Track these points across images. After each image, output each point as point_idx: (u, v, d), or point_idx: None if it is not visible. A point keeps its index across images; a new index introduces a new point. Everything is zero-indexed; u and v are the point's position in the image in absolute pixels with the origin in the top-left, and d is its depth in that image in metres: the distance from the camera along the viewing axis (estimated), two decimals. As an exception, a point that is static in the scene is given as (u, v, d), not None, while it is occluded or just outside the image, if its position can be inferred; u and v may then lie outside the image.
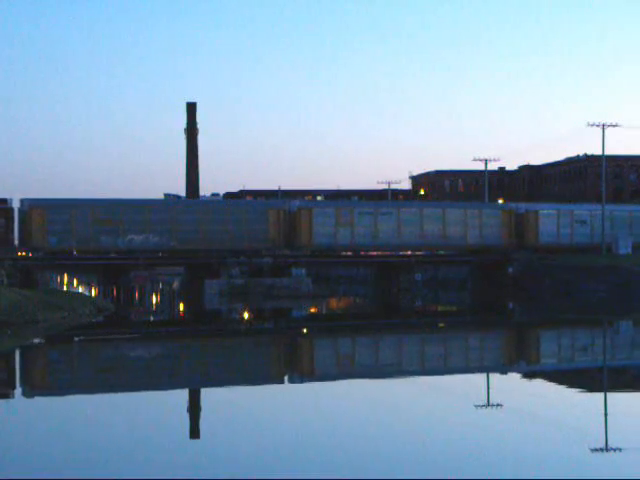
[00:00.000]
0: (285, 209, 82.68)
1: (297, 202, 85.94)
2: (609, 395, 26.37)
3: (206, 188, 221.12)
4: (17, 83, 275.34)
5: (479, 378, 31.03)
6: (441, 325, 55.28)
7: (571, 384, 29.48)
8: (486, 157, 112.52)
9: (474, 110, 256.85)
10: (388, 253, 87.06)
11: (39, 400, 26.79)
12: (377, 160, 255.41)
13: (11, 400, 26.39)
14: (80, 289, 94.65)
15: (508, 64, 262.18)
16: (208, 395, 27.90)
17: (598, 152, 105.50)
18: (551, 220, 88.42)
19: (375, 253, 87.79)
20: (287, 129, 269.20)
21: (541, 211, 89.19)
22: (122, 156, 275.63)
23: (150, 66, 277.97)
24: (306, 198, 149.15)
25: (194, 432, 21.88)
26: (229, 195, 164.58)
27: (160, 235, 79.05)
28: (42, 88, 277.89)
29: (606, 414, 22.92)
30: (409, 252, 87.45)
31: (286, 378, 31.71)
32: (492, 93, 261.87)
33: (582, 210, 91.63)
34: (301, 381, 30.93)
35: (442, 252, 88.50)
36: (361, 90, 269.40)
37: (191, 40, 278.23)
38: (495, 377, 31.60)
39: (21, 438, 20.46)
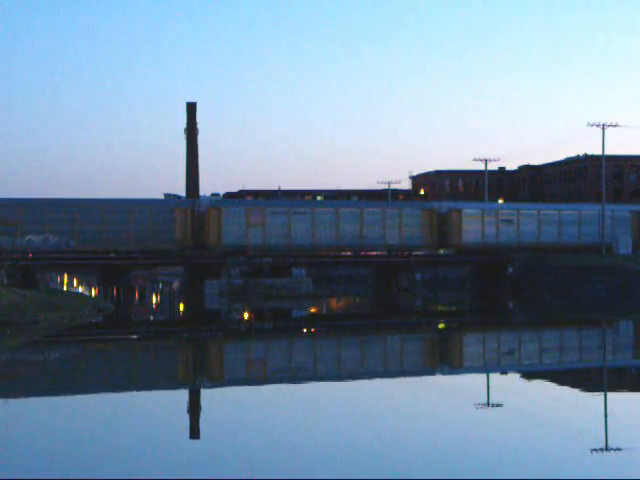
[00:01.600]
0: (193, 209, 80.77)
1: (206, 201, 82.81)
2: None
3: (206, 188, 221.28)
4: (17, 83, 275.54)
5: (480, 378, 31.09)
6: (441, 326, 55.29)
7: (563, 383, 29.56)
8: (486, 157, 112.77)
9: (474, 110, 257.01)
10: (374, 253, 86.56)
11: (39, 400, 26.80)
12: (377, 160, 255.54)
13: (8, 400, 26.42)
14: (80, 289, 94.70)
15: (508, 64, 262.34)
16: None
17: (598, 152, 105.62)
18: (475, 220, 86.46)
19: (375, 253, 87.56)
20: (287, 129, 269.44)
21: (464, 210, 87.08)
22: (122, 156, 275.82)
23: (150, 66, 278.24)
24: (306, 198, 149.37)
25: (194, 432, 21.89)
26: (229, 195, 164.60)
27: (60, 235, 76.81)
28: (42, 88, 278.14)
29: (603, 415, 22.94)
30: (350, 253, 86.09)
31: (198, 382, 31.75)
32: (492, 93, 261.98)
33: (508, 209, 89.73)
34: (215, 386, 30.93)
35: (361, 253, 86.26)
36: (361, 90, 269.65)
37: (191, 40, 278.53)
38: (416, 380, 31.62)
39: (21, 438, 20.47)
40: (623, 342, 44.15)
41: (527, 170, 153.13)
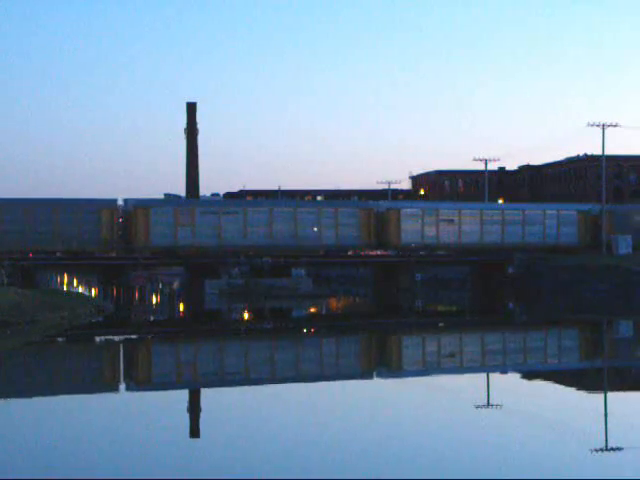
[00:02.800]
0: (119, 209, 79.27)
1: (133, 201, 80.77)
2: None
3: (206, 188, 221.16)
4: (17, 83, 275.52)
5: (480, 378, 31.11)
6: (441, 325, 55.30)
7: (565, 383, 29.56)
8: (486, 157, 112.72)
9: (474, 110, 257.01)
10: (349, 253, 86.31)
11: (39, 400, 26.80)
12: (377, 160, 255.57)
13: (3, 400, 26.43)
14: (80, 289, 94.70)
15: (508, 64, 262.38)
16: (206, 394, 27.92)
17: (598, 152, 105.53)
18: (415, 219, 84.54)
19: (375, 253, 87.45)
20: (287, 129, 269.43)
21: (403, 210, 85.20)
22: (122, 156, 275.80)
23: (150, 66, 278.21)
24: (306, 198, 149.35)
25: (194, 432, 21.90)
26: (229, 195, 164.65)
27: None
28: (42, 88, 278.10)
29: (605, 415, 22.93)
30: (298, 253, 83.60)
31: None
32: (492, 93, 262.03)
33: (449, 209, 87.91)
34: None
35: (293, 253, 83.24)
36: (361, 90, 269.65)
37: (191, 40, 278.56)
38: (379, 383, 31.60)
39: (21, 439, 20.48)
40: (582, 344, 44.01)
41: (527, 170, 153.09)
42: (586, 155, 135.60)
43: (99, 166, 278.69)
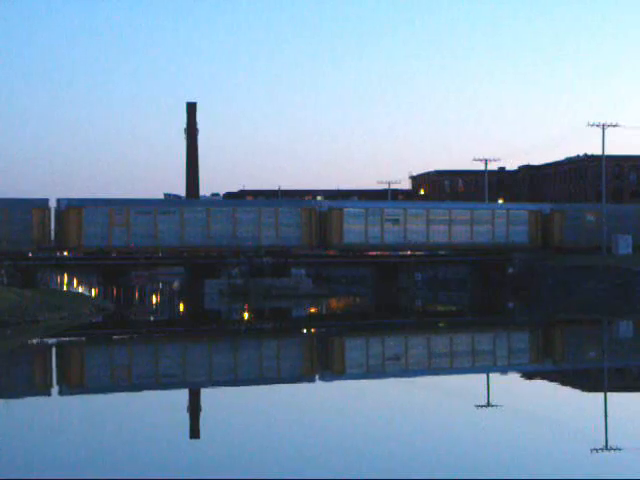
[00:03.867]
0: (50, 209, 77.35)
1: (66, 201, 78.54)
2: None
3: (206, 188, 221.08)
4: (16, 83, 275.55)
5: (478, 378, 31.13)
6: (442, 325, 55.31)
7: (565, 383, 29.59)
8: (486, 157, 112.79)
9: (474, 110, 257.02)
10: (381, 253, 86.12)
11: (39, 399, 26.82)
12: (377, 160, 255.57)
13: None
14: (80, 289, 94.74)
15: (508, 64, 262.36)
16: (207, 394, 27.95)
17: (598, 152, 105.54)
18: (358, 219, 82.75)
19: (375, 253, 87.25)
20: (287, 129, 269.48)
21: (346, 209, 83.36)
22: (122, 156, 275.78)
23: (150, 66, 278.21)
24: (306, 198, 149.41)
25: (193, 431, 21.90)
26: (229, 195, 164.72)
27: None
28: (42, 88, 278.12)
29: (607, 415, 22.95)
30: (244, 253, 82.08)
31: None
32: (492, 93, 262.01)
33: (393, 208, 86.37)
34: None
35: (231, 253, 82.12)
36: (361, 90, 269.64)
37: (191, 40, 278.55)
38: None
39: (22, 439, 20.49)
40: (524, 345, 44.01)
41: (527, 170, 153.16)
42: (586, 155, 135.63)
43: (99, 166, 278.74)
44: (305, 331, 50.43)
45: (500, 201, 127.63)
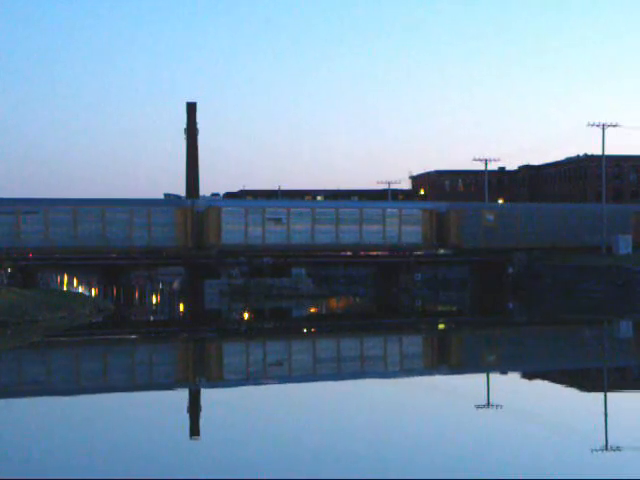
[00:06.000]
0: None
1: None
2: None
3: (206, 188, 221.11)
4: (16, 83, 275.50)
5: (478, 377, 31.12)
6: (441, 325, 55.34)
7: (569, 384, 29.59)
8: (486, 157, 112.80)
9: (474, 110, 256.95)
10: (384, 253, 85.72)
11: (40, 400, 26.81)
12: (377, 160, 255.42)
13: None
14: (80, 289, 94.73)
15: (508, 64, 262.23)
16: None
17: (598, 152, 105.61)
18: (238, 219, 79.31)
19: (375, 253, 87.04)
20: (287, 129, 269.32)
21: (224, 208, 79.68)
22: (122, 156, 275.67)
23: (150, 66, 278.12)
24: (306, 198, 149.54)
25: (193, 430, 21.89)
26: (229, 195, 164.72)
27: None
28: (42, 87, 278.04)
29: (605, 415, 22.93)
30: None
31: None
32: (492, 93, 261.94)
33: (275, 207, 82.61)
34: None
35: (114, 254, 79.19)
36: (361, 90, 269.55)
37: (191, 40, 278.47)
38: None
39: (22, 439, 20.49)
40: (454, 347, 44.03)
41: (527, 170, 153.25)
42: (586, 155, 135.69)
43: (99, 166, 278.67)
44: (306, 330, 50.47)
45: (500, 201, 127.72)
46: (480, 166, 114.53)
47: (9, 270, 71.68)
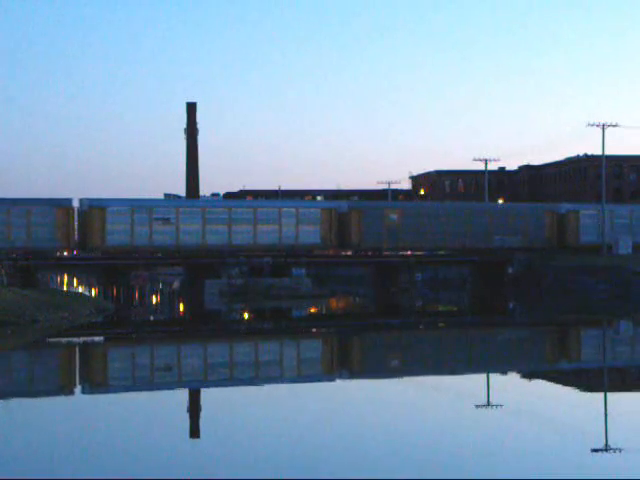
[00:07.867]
0: None
1: None
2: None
3: (206, 188, 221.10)
4: (16, 83, 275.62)
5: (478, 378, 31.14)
6: (442, 325, 55.34)
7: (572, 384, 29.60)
8: (486, 157, 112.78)
9: (474, 110, 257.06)
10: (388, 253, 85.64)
11: (40, 400, 26.81)
12: (377, 160, 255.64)
13: None
14: (80, 289, 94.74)
15: (508, 64, 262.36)
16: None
17: (598, 152, 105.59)
18: (123, 218, 76.47)
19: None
20: (287, 129, 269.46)
21: (109, 207, 76.48)
22: (122, 156, 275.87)
23: (150, 66, 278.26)
24: (306, 198, 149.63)
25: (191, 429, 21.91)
26: (229, 195, 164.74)
27: None
28: (42, 87, 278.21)
29: (607, 415, 22.94)
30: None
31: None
32: (492, 93, 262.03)
33: (164, 207, 79.81)
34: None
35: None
36: (361, 90, 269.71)
37: (191, 40, 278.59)
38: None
39: (23, 439, 20.51)
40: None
41: (527, 170, 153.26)
42: (586, 155, 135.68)
43: (99, 166, 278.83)
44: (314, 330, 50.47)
45: (500, 201, 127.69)
46: (480, 166, 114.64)
47: None
